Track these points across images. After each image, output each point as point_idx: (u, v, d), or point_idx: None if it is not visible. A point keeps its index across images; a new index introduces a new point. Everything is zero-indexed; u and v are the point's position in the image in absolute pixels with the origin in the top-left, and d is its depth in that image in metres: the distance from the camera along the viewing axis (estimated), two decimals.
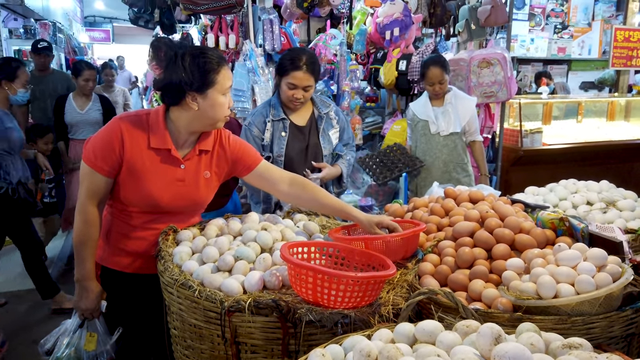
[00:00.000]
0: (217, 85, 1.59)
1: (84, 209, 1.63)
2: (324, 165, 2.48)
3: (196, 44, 1.73)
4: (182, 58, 1.57)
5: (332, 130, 2.53)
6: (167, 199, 1.67)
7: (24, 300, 3.75)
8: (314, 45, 4.63)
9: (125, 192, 1.65)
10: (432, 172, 3.43)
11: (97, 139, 1.63)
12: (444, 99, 3.39)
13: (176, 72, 1.57)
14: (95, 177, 1.62)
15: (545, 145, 4.61)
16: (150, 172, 1.64)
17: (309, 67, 2.30)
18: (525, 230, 1.58)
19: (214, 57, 1.59)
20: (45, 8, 8.27)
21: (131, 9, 5.59)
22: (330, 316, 1.23)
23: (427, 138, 3.44)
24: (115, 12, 13.44)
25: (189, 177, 1.70)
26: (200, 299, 1.32)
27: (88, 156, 1.62)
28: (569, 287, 1.26)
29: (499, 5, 4.14)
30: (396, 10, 4.12)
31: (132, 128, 1.63)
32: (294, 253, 1.45)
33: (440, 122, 3.38)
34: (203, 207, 1.83)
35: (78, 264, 1.67)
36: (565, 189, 2.25)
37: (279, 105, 2.44)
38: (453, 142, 3.39)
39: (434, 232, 1.77)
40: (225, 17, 3.87)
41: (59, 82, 4.77)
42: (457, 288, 1.47)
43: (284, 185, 1.80)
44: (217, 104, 1.61)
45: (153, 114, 1.67)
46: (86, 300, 1.68)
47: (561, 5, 7.60)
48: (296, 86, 2.32)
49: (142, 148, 1.63)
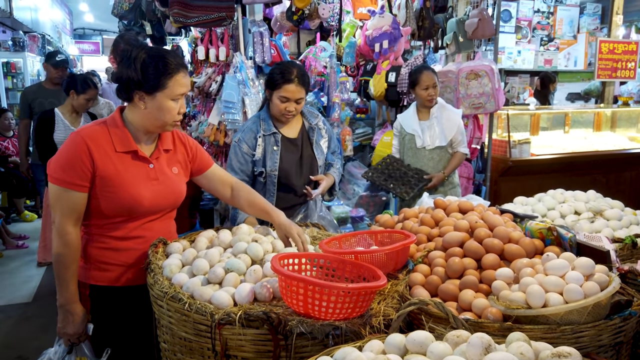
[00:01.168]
0: (166, 90, 1.60)
1: (62, 230, 1.60)
2: (321, 178, 2.49)
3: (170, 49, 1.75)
4: (136, 57, 1.58)
5: (322, 140, 2.55)
6: (148, 200, 1.67)
7: (8, 315, 3.69)
8: (304, 58, 4.66)
9: (106, 203, 1.63)
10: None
11: (62, 156, 1.60)
12: (430, 113, 3.43)
13: (128, 69, 1.58)
14: (70, 196, 1.59)
15: (533, 156, 4.66)
16: (124, 176, 1.63)
17: (300, 80, 2.31)
18: (514, 240, 1.60)
19: (171, 62, 1.60)
20: (35, 20, 8.25)
21: (121, 22, 5.59)
22: (322, 328, 1.22)
23: (414, 151, 3.50)
24: (105, 24, 13.44)
25: (161, 174, 1.72)
26: (190, 311, 1.31)
27: (57, 177, 1.58)
28: (557, 297, 1.27)
29: (486, 19, 4.21)
30: (385, 23, 4.17)
31: (95, 137, 1.62)
32: (284, 264, 1.45)
33: (426, 137, 3.44)
34: (179, 202, 1.83)
35: (61, 289, 1.63)
36: (553, 199, 2.27)
37: (269, 120, 2.43)
38: (438, 156, 3.45)
39: (424, 243, 1.78)
40: (215, 29, 3.88)
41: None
42: (447, 298, 1.47)
43: (227, 189, 1.91)
44: (164, 108, 1.62)
45: (109, 120, 1.68)
46: (72, 324, 1.64)
47: (547, 18, 7.73)
48: (289, 99, 2.32)
49: (110, 154, 1.63)
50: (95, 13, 12.60)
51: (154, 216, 1.73)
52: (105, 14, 9.51)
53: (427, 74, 3.37)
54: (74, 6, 12.15)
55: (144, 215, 1.70)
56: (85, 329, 1.68)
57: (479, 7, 4.36)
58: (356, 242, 1.76)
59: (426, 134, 3.45)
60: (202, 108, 4.53)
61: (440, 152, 3.44)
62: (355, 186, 5.05)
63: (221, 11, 3.33)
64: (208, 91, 4.06)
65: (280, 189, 2.42)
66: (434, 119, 3.42)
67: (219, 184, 1.91)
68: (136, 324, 1.70)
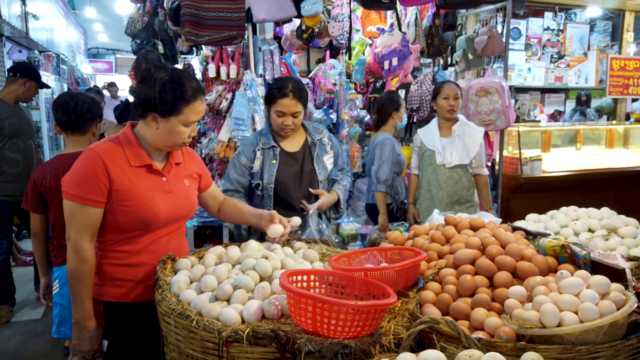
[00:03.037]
0: (181, 116, 1.63)
1: (78, 247, 1.60)
2: (321, 192, 2.47)
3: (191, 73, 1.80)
4: (157, 79, 1.60)
5: (326, 155, 2.54)
6: (164, 211, 1.69)
7: (18, 331, 3.69)
8: (313, 75, 4.69)
9: (123, 217, 1.64)
10: (435, 201, 3.39)
11: (77, 174, 1.61)
12: (452, 130, 3.36)
13: (147, 90, 1.60)
14: (85, 211, 1.60)
15: (545, 173, 4.62)
16: (140, 190, 1.65)
17: (296, 94, 2.33)
18: (527, 258, 1.57)
19: (188, 89, 1.62)
20: (50, 40, 8.42)
21: (134, 41, 5.69)
22: (330, 346, 1.20)
23: (433, 168, 3.41)
24: (118, 44, 13.72)
25: (174, 187, 1.74)
26: (198, 329, 1.30)
27: (73, 193, 1.59)
28: (572, 316, 1.23)
29: (496, 36, 4.22)
30: (394, 41, 4.20)
31: (109, 153, 1.64)
32: (293, 281, 1.43)
33: (447, 154, 3.35)
34: (192, 213, 1.88)
35: (76, 305, 1.63)
36: (567, 216, 2.24)
37: (269, 134, 2.47)
38: (458, 175, 3.36)
39: (435, 260, 1.75)
40: (226, 47, 3.93)
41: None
42: (459, 317, 1.44)
43: (216, 205, 2.02)
44: (174, 132, 1.66)
45: (122, 136, 1.70)
46: (87, 341, 1.65)
47: (557, 36, 7.74)
48: (284, 113, 2.35)
49: (125, 169, 1.65)
50: (109, 33, 12.88)
51: (168, 230, 1.75)
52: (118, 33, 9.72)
53: (449, 85, 3.34)
54: (89, 26, 12.43)
55: (159, 228, 1.72)
56: (99, 346, 1.68)
57: (488, 24, 4.38)
58: (366, 259, 1.74)
59: (447, 151, 3.35)
60: (212, 125, 4.56)
61: (460, 170, 3.35)
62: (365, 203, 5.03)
63: (232, 30, 3.37)
64: (218, 108, 4.10)
65: (278, 204, 2.43)
66: (455, 137, 3.35)
67: (211, 200, 2.01)
68: (146, 341, 1.69)
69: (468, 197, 3.38)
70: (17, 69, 3.84)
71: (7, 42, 7.18)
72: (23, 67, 3.89)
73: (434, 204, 3.37)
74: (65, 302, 2.44)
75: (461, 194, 3.37)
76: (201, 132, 5.21)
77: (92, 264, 1.64)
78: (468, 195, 3.39)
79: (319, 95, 4.61)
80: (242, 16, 3.40)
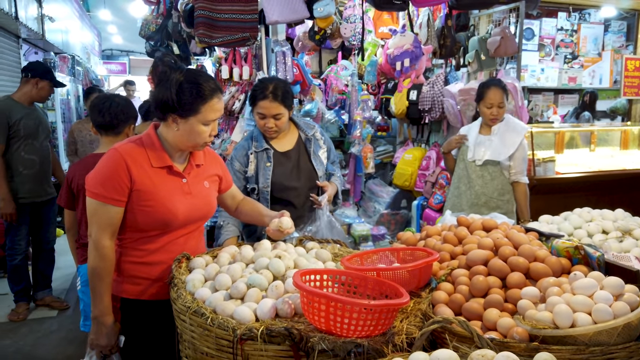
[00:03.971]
0: (199, 115, 1.64)
1: (99, 244, 1.64)
2: (326, 184, 2.46)
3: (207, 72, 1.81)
4: (174, 80, 1.62)
5: (320, 150, 2.53)
6: (183, 212, 1.71)
7: (33, 329, 3.75)
8: (325, 76, 4.71)
9: (143, 217, 1.67)
10: (462, 200, 3.24)
11: (101, 172, 1.65)
12: (492, 129, 3.17)
13: (164, 92, 1.63)
14: (107, 210, 1.63)
15: (558, 174, 4.58)
16: (159, 190, 1.68)
17: (277, 96, 2.27)
18: (540, 259, 1.57)
19: (205, 88, 1.63)
20: (65, 42, 8.54)
21: (148, 42, 5.74)
22: (343, 345, 1.21)
23: (465, 164, 3.25)
24: (132, 45, 13.84)
25: (194, 189, 1.76)
26: (213, 326, 1.32)
27: (95, 192, 1.63)
28: (586, 317, 1.23)
29: (509, 37, 4.19)
30: (406, 42, 4.20)
31: (132, 153, 1.67)
32: (306, 281, 1.44)
33: (479, 150, 3.17)
34: (211, 215, 1.89)
35: (96, 301, 1.67)
36: (580, 218, 2.22)
37: (260, 136, 2.43)
38: (490, 175, 3.14)
39: (447, 261, 1.76)
40: (239, 49, 3.96)
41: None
42: (471, 317, 1.44)
43: (234, 204, 2.05)
44: (194, 132, 1.67)
45: (145, 137, 1.72)
46: (105, 336, 1.68)
47: (570, 36, 7.66)
48: (265, 115, 2.31)
49: (146, 169, 1.68)
50: (123, 34, 13.00)
51: (186, 230, 1.78)
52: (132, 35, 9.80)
53: (495, 91, 3.07)
54: (103, 28, 12.56)
55: (177, 229, 1.74)
56: (117, 341, 1.71)
57: (501, 25, 4.36)
58: (378, 259, 1.75)
59: (480, 147, 3.16)
60: (225, 126, 4.60)
61: (493, 171, 3.12)
62: (376, 204, 5.03)
63: (245, 31, 3.40)
64: (231, 109, 4.13)
65: (278, 203, 2.39)
66: (493, 135, 3.16)
67: (229, 199, 2.04)
68: (161, 338, 1.72)
69: (500, 203, 3.14)
70: (29, 69, 3.85)
71: (23, 44, 7.29)
72: (34, 67, 3.89)
73: (460, 203, 3.22)
74: (87, 299, 2.49)
75: (491, 196, 3.15)
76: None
77: (112, 261, 1.67)
78: (501, 201, 3.15)
79: (330, 96, 4.63)
80: (255, 18, 3.43)
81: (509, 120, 3.22)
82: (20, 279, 3.92)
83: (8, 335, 3.64)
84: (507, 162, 3.14)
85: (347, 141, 4.63)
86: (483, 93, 3.14)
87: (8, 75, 6.70)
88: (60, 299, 4.12)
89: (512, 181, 3.17)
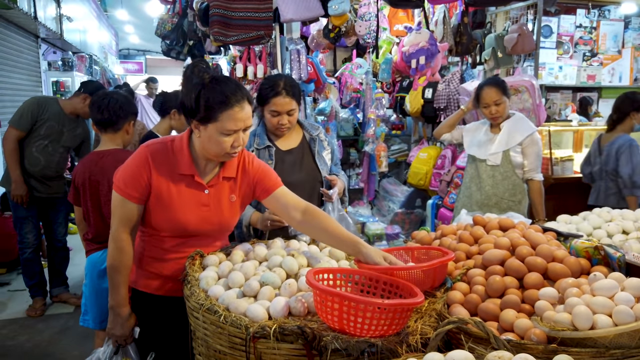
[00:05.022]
0: (217, 123, 1.56)
1: (117, 237, 1.66)
2: (335, 179, 2.44)
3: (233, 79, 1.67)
4: (194, 85, 1.58)
5: (324, 151, 2.50)
6: (194, 224, 1.70)
7: (50, 325, 3.81)
8: (340, 74, 4.69)
9: (155, 218, 1.69)
10: (472, 201, 3.16)
11: (126, 167, 1.67)
12: (501, 127, 3.08)
13: (185, 97, 1.61)
14: (126, 205, 1.65)
15: (576, 174, 4.51)
16: (175, 198, 1.67)
17: (289, 91, 2.25)
18: (559, 259, 1.53)
19: (224, 95, 1.55)
20: (83, 42, 8.65)
21: (164, 42, 5.80)
22: (357, 344, 1.20)
23: (477, 163, 3.17)
24: (149, 44, 13.97)
25: (213, 202, 1.72)
26: (226, 324, 1.31)
27: (118, 185, 1.65)
28: (606, 318, 1.20)
29: (526, 34, 4.14)
30: (422, 39, 4.16)
31: (158, 155, 1.66)
32: (319, 279, 1.43)
33: (485, 149, 3.09)
34: (229, 230, 1.85)
35: (112, 291, 1.69)
36: (600, 218, 2.17)
37: (263, 134, 2.38)
38: (501, 175, 3.05)
39: (463, 260, 1.73)
40: (253, 47, 3.97)
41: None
42: (487, 318, 1.42)
43: (297, 213, 1.72)
44: (213, 141, 1.59)
45: (177, 140, 1.70)
46: (120, 326, 1.70)
47: (589, 33, 7.54)
48: (279, 112, 2.28)
49: (168, 174, 1.66)
50: (140, 34, 13.13)
51: (201, 238, 1.76)
52: (149, 34, 9.90)
53: (488, 91, 3.02)
54: (120, 27, 12.70)
55: (190, 236, 1.74)
56: (132, 332, 1.73)
57: (518, 22, 4.30)
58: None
59: (486, 146, 3.08)
60: None
61: (504, 169, 3.02)
62: (391, 203, 5.01)
63: (260, 29, 3.40)
64: None
65: None
66: (502, 135, 3.07)
67: (283, 207, 1.76)
68: (173, 335, 1.73)
69: (512, 204, 3.05)
70: (84, 84, 3.98)
71: (42, 43, 7.41)
72: (88, 84, 3.98)
73: (470, 204, 3.14)
74: (87, 292, 2.53)
75: (502, 197, 3.06)
76: None
77: (130, 254, 1.69)
78: (512, 202, 3.06)
79: (345, 95, 4.61)
80: (270, 16, 3.43)
81: (518, 117, 3.12)
82: (32, 274, 3.98)
83: (26, 331, 3.69)
84: (519, 159, 3.05)
85: (361, 140, 4.60)
86: (478, 95, 3.08)
87: (27, 75, 6.82)
88: (76, 295, 4.17)
89: (526, 179, 3.09)
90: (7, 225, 4.78)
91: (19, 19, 5.91)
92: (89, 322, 2.55)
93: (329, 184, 2.43)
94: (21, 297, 4.28)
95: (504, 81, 3.13)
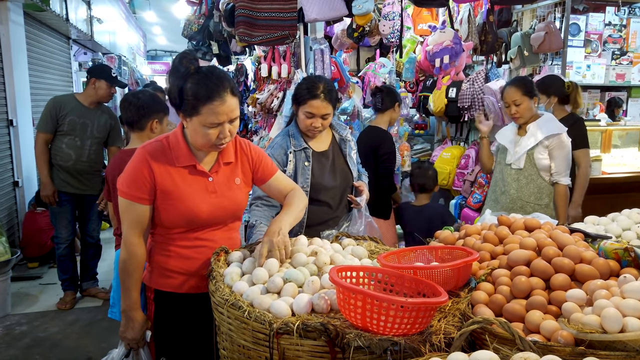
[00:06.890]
0: (200, 116, 1.57)
1: (128, 241, 1.68)
2: (362, 184, 2.45)
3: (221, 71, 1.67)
4: (180, 78, 1.59)
5: (352, 152, 2.52)
6: (206, 212, 1.71)
7: (79, 318, 3.90)
8: (363, 74, 4.68)
9: (167, 215, 1.69)
10: (498, 205, 3.10)
11: (127, 171, 1.68)
12: (527, 128, 3.00)
13: (170, 88, 1.62)
14: (135, 208, 1.66)
15: (604, 174, 4.41)
16: (182, 190, 1.68)
17: (327, 95, 2.25)
18: (587, 260, 1.50)
19: (205, 89, 1.55)
20: (112, 43, 8.83)
21: (190, 42, 5.88)
22: (380, 342, 1.20)
23: (502, 167, 3.12)
24: (175, 45, 14.20)
25: (220, 187, 1.74)
26: (250, 319, 1.33)
27: (123, 190, 1.67)
28: (636, 321, 1.17)
29: (554, 32, 4.06)
30: (446, 38, 4.12)
31: (156, 153, 1.68)
32: (342, 277, 1.44)
33: (510, 152, 3.04)
34: (241, 212, 1.86)
35: (124, 295, 1.71)
36: (629, 219, 2.12)
37: (298, 135, 2.38)
38: (526, 178, 2.99)
39: (487, 261, 1.71)
40: (278, 47, 4.00)
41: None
42: (512, 319, 1.40)
43: (282, 198, 1.90)
44: (199, 133, 1.61)
45: (172, 136, 1.72)
46: (132, 330, 1.72)
47: (619, 31, 7.35)
48: (314, 115, 2.27)
49: (169, 169, 1.68)
50: (167, 35, 13.35)
51: (214, 227, 1.78)
52: (175, 35, 10.06)
53: (508, 90, 2.97)
54: (148, 29, 12.92)
55: (204, 227, 1.75)
56: (144, 336, 1.74)
57: (545, 20, 4.22)
58: (415, 257, 1.73)
59: (514, 148, 3.02)
60: (263, 124, 4.65)
61: (529, 173, 2.96)
62: None
63: (284, 29, 3.42)
64: (270, 107, 4.17)
65: (313, 204, 2.35)
66: (528, 136, 3.00)
67: (276, 192, 1.91)
68: (196, 331, 1.75)
69: (538, 208, 2.98)
70: (89, 71, 4.01)
71: (73, 44, 7.60)
72: (92, 68, 4.04)
73: (496, 208, 3.08)
74: (115, 285, 2.59)
75: (527, 201, 3.00)
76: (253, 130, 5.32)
77: (141, 258, 1.70)
78: (538, 206, 2.99)
79: (368, 94, 4.60)
80: (294, 16, 3.45)
81: (547, 118, 3.02)
82: (65, 269, 4.09)
83: (57, 323, 3.80)
84: (545, 161, 2.96)
85: None
86: (502, 95, 3.07)
87: (59, 75, 7.00)
88: (104, 289, 4.26)
89: (552, 182, 3.02)
90: (39, 221, 4.93)
91: (51, 21, 6.08)
92: (117, 315, 2.61)
93: (357, 190, 2.45)
94: (52, 290, 4.41)
95: (531, 81, 3.07)
